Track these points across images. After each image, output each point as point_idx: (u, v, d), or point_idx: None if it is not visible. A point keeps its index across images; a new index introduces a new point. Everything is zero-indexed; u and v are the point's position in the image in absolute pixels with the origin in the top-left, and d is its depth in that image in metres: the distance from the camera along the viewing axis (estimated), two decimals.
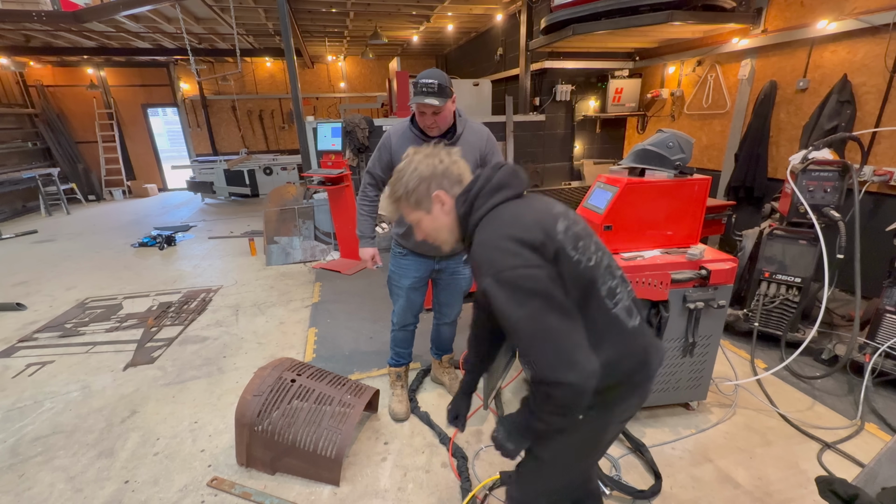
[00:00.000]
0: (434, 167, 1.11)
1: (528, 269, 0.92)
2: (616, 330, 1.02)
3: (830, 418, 2.24)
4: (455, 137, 1.98)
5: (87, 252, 5.58)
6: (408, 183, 1.13)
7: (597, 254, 1.03)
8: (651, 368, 1.08)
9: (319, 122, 4.79)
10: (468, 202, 1.07)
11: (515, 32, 6.36)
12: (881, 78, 3.22)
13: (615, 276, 1.06)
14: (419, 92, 1.81)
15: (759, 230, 2.95)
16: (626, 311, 1.04)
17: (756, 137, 4.10)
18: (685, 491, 1.84)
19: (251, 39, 8.41)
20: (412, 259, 2.15)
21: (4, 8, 5.73)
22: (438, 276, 2.25)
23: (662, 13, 3.66)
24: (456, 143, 1.98)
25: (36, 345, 3.23)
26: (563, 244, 0.97)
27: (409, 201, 1.14)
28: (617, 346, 1.01)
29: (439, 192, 1.11)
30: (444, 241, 1.18)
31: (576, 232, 1.01)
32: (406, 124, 2.01)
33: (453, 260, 2.20)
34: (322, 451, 1.89)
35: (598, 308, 1.00)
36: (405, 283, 2.20)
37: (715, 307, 2.00)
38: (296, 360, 2.22)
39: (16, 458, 2.12)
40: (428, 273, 2.20)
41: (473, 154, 2.04)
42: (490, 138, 2.07)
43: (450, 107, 1.88)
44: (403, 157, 1.19)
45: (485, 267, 0.96)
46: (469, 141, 2.03)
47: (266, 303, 3.85)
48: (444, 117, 1.89)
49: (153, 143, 10.26)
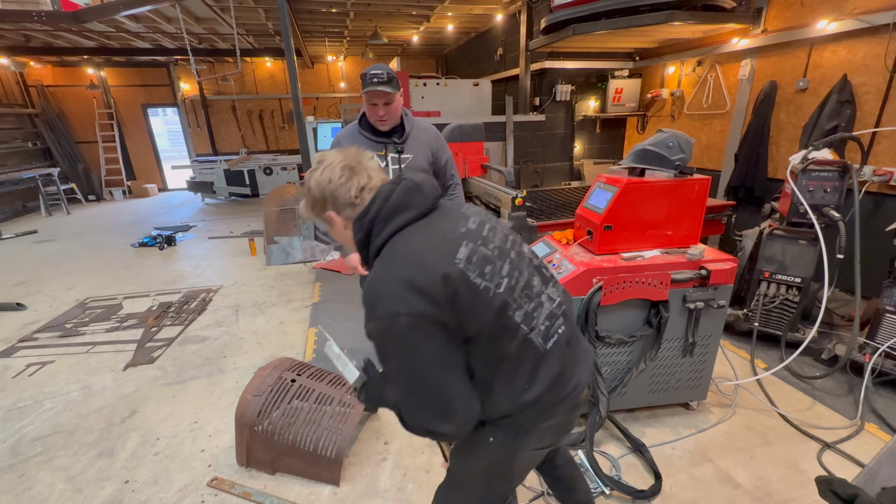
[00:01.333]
0: (323, 188, 0.99)
1: (408, 318, 0.85)
2: (529, 354, 0.97)
3: (830, 418, 2.24)
4: (405, 135, 1.98)
5: (87, 252, 5.58)
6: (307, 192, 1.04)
7: (511, 276, 0.96)
8: (563, 392, 1.02)
9: (319, 122, 4.80)
10: (363, 229, 0.97)
11: (515, 32, 6.36)
12: (881, 78, 3.22)
13: (532, 297, 0.99)
14: (369, 82, 1.79)
15: (759, 230, 2.95)
16: (543, 335, 0.99)
17: (756, 137, 4.10)
18: (685, 491, 1.84)
19: (251, 39, 8.41)
20: None
21: (4, 8, 5.73)
22: None
23: (662, 13, 3.66)
24: (406, 141, 1.99)
25: (36, 345, 3.23)
26: (465, 273, 0.89)
27: (312, 211, 1.05)
28: (528, 372, 0.97)
29: (330, 213, 1.01)
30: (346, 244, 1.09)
31: (483, 256, 0.93)
32: (354, 127, 1.98)
33: None
34: (322, 451, 1.89)
35: (509, 335, 0.94)
36: None
37: (715, 307, 2.01)
38: (296, 360, 2.22)
39: (16, 458, 2.12)
40: None
41: (425, 152, 2.05)
42: (438, 137, 2.08)
43: (399, 99, 1.89)
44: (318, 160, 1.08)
45: (367, 309, 0.90)
46: (419, 139, 2.03)
47: (266, 303, 3.85)
48: (395, 108, 1.89)
49: (153, 143, 10.26)
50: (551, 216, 3.64)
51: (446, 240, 0.93)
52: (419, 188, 0.98)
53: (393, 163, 1.96)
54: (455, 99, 6.52)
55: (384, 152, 1.95)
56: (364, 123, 1.96)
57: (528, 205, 3.52)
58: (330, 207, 1.01)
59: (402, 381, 0.92)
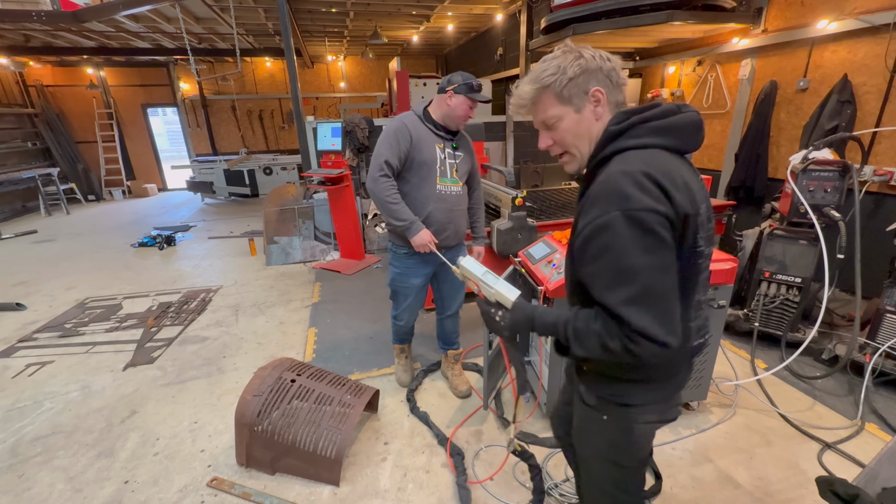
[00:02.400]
0: (600, 62, 0.91)
1: (666, 220, 0.81)
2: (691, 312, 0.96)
3: (831, 418, 2.24)
4: (458, 137, 2.12)
5: (86, 252, 5.58)
6: (566, 69, 0.91)
7: (708, 248, 0.94)
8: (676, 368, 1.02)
9: (319, 122, 4.79)
10: (628, 123, 0.90)
11: (515, 32, 6.36)
12: (881, 78, 3.22)
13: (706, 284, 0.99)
14: (475, 90, 1.98)
15: (759, 230, 2.95)
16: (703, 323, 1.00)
17: (756, 137, 4.09)
18: (685, 491, 1.84)
19: (251, 39, 8.41)
20: (417, 257, 2.17)
21: (4, 8, 5.72)
22: (441, 268, 2.29)
23: (662, 13, 3.66)
24: (459, 143, 2.12)
25: (36, 345, 3.22)
26: (699, 225, 0.87)
27: (559, 92, 0.92)
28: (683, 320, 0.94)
29: (598, 88, 0.92)
30: (574, 155, 0.98)
31: (709, 220, 0.92)
32: (415, 117, 2.06)
33: (455, 250, 2.24)
34: (322, 452, 1.89)
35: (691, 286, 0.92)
36: (416, 282, 2.25)
37: (715, 307, 2.00)
38: (296, 360, 2.22)
39: (16, 458, 2.12)
40: (435, 267, 2.26)
41: (471, 157, 2.18)
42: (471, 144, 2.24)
43: None
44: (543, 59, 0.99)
45: (614, 199, 0.82)
46: (466, 144, 2.18)
47: (266, 303, 3.85)
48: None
49: (153, 143, 10.26)
50: (551, 216, 3.64)
51: (697, 188, 0.89)
52: (699, 129, 0.93)
53: (450, 157, 2.10)
54: None
55: (443, 145, 2.08)
56: (428, 116, 2.06)
57: (528, 205, 3.52)
58: (602, 84, 0.92)
59: (642, 281, 0.81)
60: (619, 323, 0.82)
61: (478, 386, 2.57)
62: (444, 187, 2.08)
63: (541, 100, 0.95)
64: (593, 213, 0.85)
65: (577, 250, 0.89)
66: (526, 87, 0.95)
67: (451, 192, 2.11)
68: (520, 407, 1.28)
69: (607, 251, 0.83)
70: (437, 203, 2.08)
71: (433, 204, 2.07)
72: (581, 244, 0.88)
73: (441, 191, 2.08)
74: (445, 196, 2.09)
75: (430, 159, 2.03)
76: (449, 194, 2.10)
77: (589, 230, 0.85)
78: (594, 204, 0.85)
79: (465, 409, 2.39)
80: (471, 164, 2.20)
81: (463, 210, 2.20)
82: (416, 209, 2.05)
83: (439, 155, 2.05)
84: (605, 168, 0.90)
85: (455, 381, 2.54)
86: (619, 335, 0.83)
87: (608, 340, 0.84)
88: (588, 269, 0.88)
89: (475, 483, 1.89)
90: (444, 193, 2.09)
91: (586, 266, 0.88)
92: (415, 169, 2.04)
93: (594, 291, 0.87)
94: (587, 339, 0.87)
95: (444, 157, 2.06)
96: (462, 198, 2.18)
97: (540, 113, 0.96)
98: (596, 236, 0.84)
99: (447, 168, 2.07)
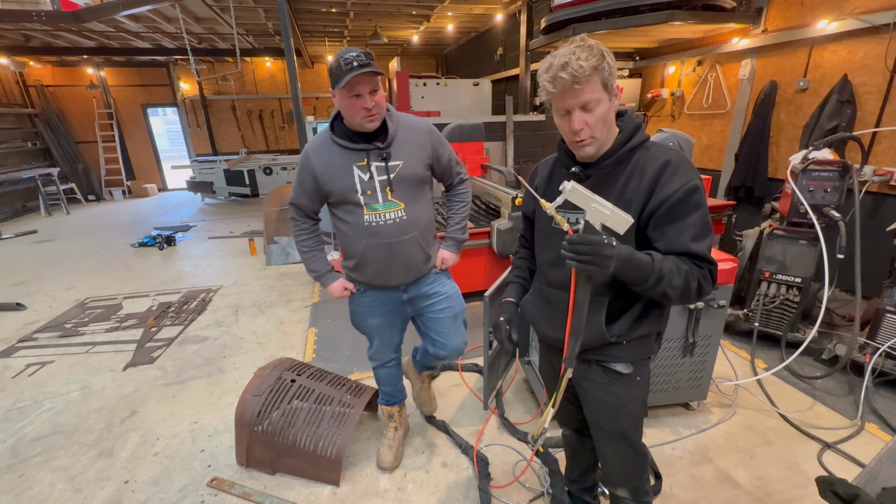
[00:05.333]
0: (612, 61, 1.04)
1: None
2: None
3: (831, 418, 2.24)
4: (389, 139, 1.56)
5: (86, 252, 5.58)
6: (610, 61, 1.01)
7: None
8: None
9: (319, 121, 4.79)
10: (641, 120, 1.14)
11: (515, 32, 6.36)
12: (881, 78, 3.22)
13: None
14: (348, 68, 1.39)
15: (759, 230, 2.95)
16: None
17: (756, 137, 4.09)
18: (685, 491, 1.84)
19: (251, 39, 8.41)
20: (372, 294, 1.77)
21: (4, 8, 5.72)
22: (414, 306, 1.82)
23: (662, 13, 3.66)
24: (391, 144, 1.57)
25: (36, 345, 3.22)
26: None
27: (605, 78, 1.00)
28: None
29: (618, 85, 1.06)
30: (596, 139, 1.06)
31: None
32: (325, 137, 1.60)
33: (422, 282, 1.78)
34: (322, 452, 1.89)
35: None
36: (372, 323, 1.82)
37: (715, 307, 2.00)
38: (296, 360, 2.22)
39: (16, 458, 2.12)
40: (396, 305, 1.79)
41: (418, 155, 1.63)
42: (433, 132, 1.69)
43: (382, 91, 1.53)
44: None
45: (690, 170, 1.04)
46: (409, 140, 1.62)
47: (266, 303, 3.85)
48: (381, 98, 1.50)
49: (153, 143, 10.26)
50: None
51: None
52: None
53: (379, 173, 1.56)
54: (455, 99, 6.53)
55: (366, 161, 1.55)
56: (337, 129, 1.58)
57: None
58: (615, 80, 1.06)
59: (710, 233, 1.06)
60: (701, 265, 1.03)
61: (477, 387, 2.57)
62: (374, 217, 1.58)
63: (592, 80, 0.99)
64: (681, 180, 1.02)
65: (668, 210, 1.03)
66: (584, 63, 0.97)
67: (388, 221, 1.59)
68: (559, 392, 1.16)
69: (699, 208, 1.03)
70: (368, 238, 1.61)
71: (364, 240, 1.61)
72: (674, 204, 1.02)
73: (371, 222, 1.59)
74: (378, 228, 1.59)
75: (346, 187, 1.56)
76: (383, 225, 1.59)
77: (683, 192, 1.01)
78: (675, 173, 1.02)
79: (465, 408, 2.39)
80: (421, 164, 1.64)
81: (412, 239, 1.65)
82: (349, 249, 1.68)
83: (359, 178, 1.55)
84: (644, 151, 1.08)
85: (422, 394, 2.24)
86: (699, 276, 1.04)
87: (691, 280, 1.02)
88: (678, 224, 1.03)
89: (497, 488, 1.86)
90: (377, 225, 1.59)
91: (676, 222, 1.03)
92: (336, 201, 1.62)
93: (680, 241, 1.03)
94: (675, 277, 1.01)
95: (366, 179, 1.56)
96: (408, 223, 1.63)
97: (587, 93, 1.00)
98: (690, 197, 1.02)
99: (376, 191, 1.56)
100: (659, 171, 1.04)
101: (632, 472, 1.32)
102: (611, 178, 1.09)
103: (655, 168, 1.05)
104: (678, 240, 1.03)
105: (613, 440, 1.28)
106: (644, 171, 1.06)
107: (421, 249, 1.69)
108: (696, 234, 1.03)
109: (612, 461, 1.32)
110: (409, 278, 1.73)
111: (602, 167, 1.10)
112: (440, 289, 1.80)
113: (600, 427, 1.28)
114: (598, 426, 1.29)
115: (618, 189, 1.07)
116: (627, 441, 1.27)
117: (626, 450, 1.28)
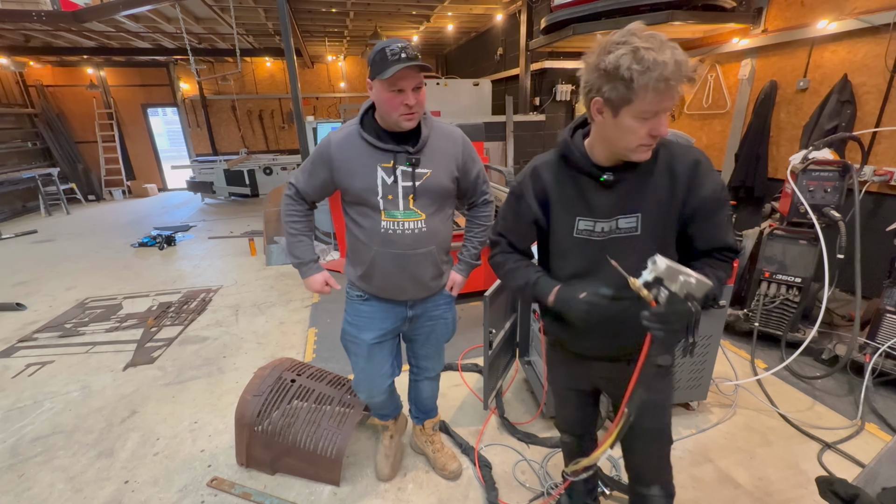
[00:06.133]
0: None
1: None
2: None
3: (831, 418, 2.24)
4: (420, 144, 1.43)
5: (86, 252, 5.58)
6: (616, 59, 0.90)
7: None
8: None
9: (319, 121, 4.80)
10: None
11: (515, 32, 6.36)
12: (881, 78, 3.22)
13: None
14: (395, 58, 1.26)
15: (759, 230, 2.95)
16: None
17: (756, 137, 4.09)
18: (685, 491, 1.84)
19: (251, 39, 8.41)
20: (376, 305, 1.61)
21: (4, 8, 5.72)
22: (413, 325, 1.70)
23: (662, 13, 3.66)
24: (422, 150, 1.44)
25: (36, 345, 3.22)
26: None
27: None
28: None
29: (598, 99, 0.94)
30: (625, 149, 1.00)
31: None
32: (352, 129, 1.46)
33: (431, 301, 1.66)
34: (322, 452, 1.89)
35: None
36: (367, 338, 1.63)
37: (715, 307, 2.00)
38: (296, 360, 2.22)
39: (16, 458, 2.12)
40: (398, 323, 1.66)
41: (448, 165, 1.50)
42: (467, 143, 1.55)
43: (424, 89, 1.40)
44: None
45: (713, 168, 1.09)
46: (440, 149, 1.48)
47: (266, 303, 3.85)
48: (423, 98, 1.38)
49: (153, 143, 10.26)
50: None
51: None
52: None
53: (404, 179, 1.43)
54: (455, 99, 6.53)
55: (392, 163, 1.42)
56: (368, 125, 1.44)
57: None
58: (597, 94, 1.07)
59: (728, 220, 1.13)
60: (729, 257, 1.13)
61: (477, 387, 2.57)
62: (391, 224, 1.45)
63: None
64: (715, 179, 1.07)
65: (709, 210, 1.08)
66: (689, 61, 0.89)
67: (405, 231, 1.46)
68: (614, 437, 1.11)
69: (728, 204, 1.12)
70: (381, 247, 1.48)
71: (377, 248, 1.48)
72: (714, 204, 1.08)
73: (388, 229, 1.46)
74: (394, 237, 1.47)
75: (366, 188, 1.43)
76: (400, 234, 1.46)
77: (719, 192, 1.08)
78: (708, 173, 1.07)
79: (465, 408, 2.39)
80: (448, 176, 1.51)
81: (427, 253, 1.52)
82: (358, 255, 1.54)
83: (383, 180, 1.42)
84: (665, 149, 1.08)
85: (439, 458, 1.96)
86: (726, 268, 1.13)
87: (723, 275, 1.12)
88: (716, 220, 1.10)
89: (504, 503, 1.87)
90: (393, 234, 1.46)
91: (714, 219, 1.09)
92: (352, 201, 1.50)
93: (719, 237, 1.11)
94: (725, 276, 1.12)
95: (390, 182, 1.43)
96: (426, 236, 1.50)
97: (677, 96, 0.93)
98: (723, 195, 1.09)
99: (397, 197, 1.44)
100: (692, 172, 1.05)
101: (666, 465, 1.31)
102: (642, 181, 1.06)
103: (686, 168, 1.05)
104: (717, 236, 1.11)
105: (655, 438, 1.26)
106: (674, 171, 1.05)
107: (434, 265, 1.56)
108: (728, 228, 1.12)
109: (651, 459, 1.29)
110: (419, 294, 1.61)
111: (634, 171, 1.05)
112: (446, 314, 1.73)
113: (642, 428, 1.19)
114: (639, 428, 1.18)
115: (651, 191, 1.06)
116: (667, 434, 1.27)
117: (665, 444, 1.28)
